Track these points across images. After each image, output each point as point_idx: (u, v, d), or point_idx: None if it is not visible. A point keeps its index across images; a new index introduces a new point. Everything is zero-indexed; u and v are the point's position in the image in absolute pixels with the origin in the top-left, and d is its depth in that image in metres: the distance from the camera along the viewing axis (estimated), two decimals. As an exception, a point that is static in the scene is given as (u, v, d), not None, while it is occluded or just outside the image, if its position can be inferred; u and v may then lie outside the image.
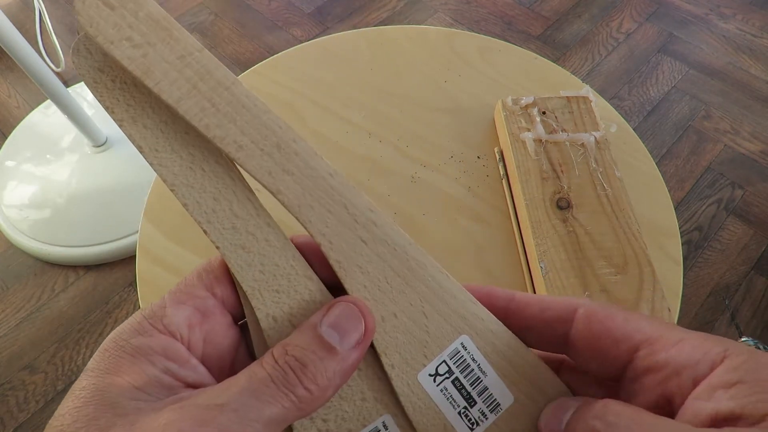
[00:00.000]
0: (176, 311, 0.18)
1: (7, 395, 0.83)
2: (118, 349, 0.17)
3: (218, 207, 0.18)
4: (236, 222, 0.19)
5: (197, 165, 0.18)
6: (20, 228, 0.96)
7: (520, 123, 0.44)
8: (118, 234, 0.94)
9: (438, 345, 0.19)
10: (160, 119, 0.18)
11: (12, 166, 1.03)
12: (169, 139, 0.18)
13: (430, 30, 0.54)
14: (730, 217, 1.03)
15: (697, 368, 0.15)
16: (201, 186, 0.18)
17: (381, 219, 0.19)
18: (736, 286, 0.96)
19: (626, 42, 1.30)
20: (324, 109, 0.48)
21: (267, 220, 0.19)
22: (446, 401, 0.18)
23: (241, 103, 0.18)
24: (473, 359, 0.19)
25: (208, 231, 0.18)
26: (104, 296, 0.92)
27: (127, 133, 0.18)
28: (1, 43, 0.75)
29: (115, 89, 0.18)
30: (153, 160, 0.18)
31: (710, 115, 1.17)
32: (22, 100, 1.17)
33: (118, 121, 0.18)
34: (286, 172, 0.19)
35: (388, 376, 0.18)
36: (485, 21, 1.34)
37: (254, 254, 0.19)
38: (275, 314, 0.18)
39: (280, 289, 0.18)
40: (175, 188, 0.18)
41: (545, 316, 0.19)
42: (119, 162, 1.00)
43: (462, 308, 0.19)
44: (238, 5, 1.36)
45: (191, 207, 0.18)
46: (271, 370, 0.16)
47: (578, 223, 0.39)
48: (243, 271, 0.18)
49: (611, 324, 0.17)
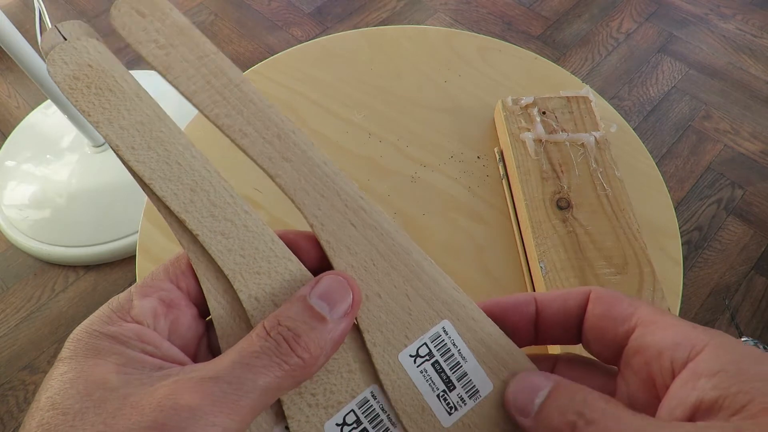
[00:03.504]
0: (142, 302, 0.18)
1: (7, 395, 0.83)
2: (92, 336, 0.17)
3: (195, 198, 0.19)
4: (214, 210, 0.20)
5: (173, 160, 0.20)
6: (20, 228, 0.96)
7: (520, 123, 0.44)
8: (118, 234, 0.94)
9: (420, 327, 0.20)
10: (135, 120, 0.20)
11: (12, 166, 1.03)
12: (144, 137, 0.19)
13: (430, 30, 0.54)
14: (730, 217, 1.03)
15: (676, 352, 0.16)
16: (178, 178, 0.19)
17: (370, 206, 0.21)
18: (736, 286, 0.96)
19: (626, 42, 1.30)
20: (324, 109, 0.48)
21: (244, 207, 0.20)
22: (425, 383, 0.19)
23: (249, 98, 0.20)
24: (454, 344, 0.20)
25: (187, 220, 0.19)
26: (104, 296, 0.92)
27: (104, 134, 0.19)
28: (1, 43, 0.75)
29: (90, 94, 0.19)
30: (130, 157, 0.19)
31: (710, 115, 1.17)
32: (22, 100, 1.17)
33: (95, 123, 0.19)
34: (284, 159, 0.20)
35: (369, 353, 0.19)
36: (485, 21, 1.34)
37: (234, 239, 0.19)
38: (257, 295, 0.19)
39: (261, 271, 0.19)
40: (153, 182, 0.19)
41: (568, 305, 0.19)
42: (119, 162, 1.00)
43: (445, 294, 0.20)
44: (238, 5, 1.36)
45: (169, 199, 0.19)
46: (262, 342, 0.17)
47: (578, 223, 0.39)
48: (223, 256, 0.19)
49: (614, 306, 0.18)
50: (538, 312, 0.20)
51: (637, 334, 0.17)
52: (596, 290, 0.19)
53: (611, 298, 0.18)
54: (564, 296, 0.19)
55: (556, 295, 0.20)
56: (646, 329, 0.17)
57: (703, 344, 0.15)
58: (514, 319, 0.20)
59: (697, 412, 0.14)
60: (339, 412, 0.19)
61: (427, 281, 0.20)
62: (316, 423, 0.18)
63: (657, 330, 0.17)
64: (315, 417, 0.18)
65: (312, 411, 0.18)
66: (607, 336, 0.18)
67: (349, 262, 0.20)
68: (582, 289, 0.19)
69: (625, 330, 0.17)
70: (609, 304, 0.18)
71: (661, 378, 0.16)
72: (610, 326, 0.18)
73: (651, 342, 0.17)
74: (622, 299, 0.18)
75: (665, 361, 0.16)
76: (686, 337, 0.16)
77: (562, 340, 0.20)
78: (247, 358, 0.16)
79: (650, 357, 0.16)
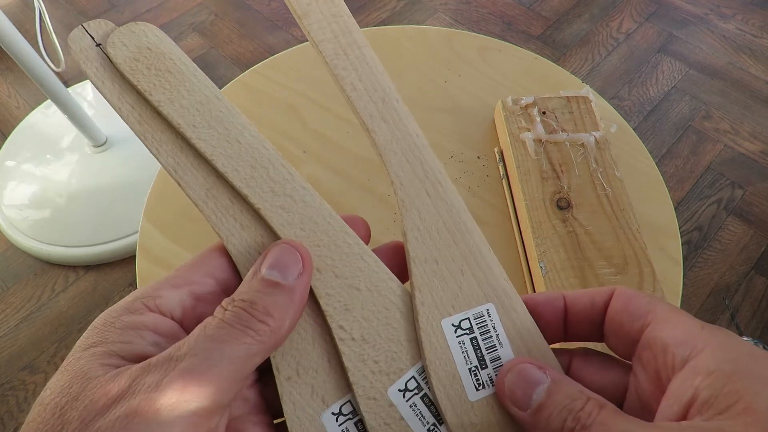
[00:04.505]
0: (171, 293, 0.18)
1: (7, 395, 0.83)
2: (107, 325, 0.17)
3: (256, 174, 0.20)
4: (274, 186, 0.20)
5: (233, 138, 0.21)
6: (20, 228, 0.96)
7: (520, 123, 0.44)
8: (118, 234, 0.94)
9: (466, 303, 0.20)
10: (195, 100, 0.21)
11: (12, 166, 1.03)
12: (204, 116, 0.20)
13: (430, 30, 0.54)
14: (730, 217, 1.03)
15: (679, 349, 0.16)
16: (238, 155, 0.20)
17: (447, 183, 0.22)
18: (736, 286, 0.96)
19: (626, 42, 1.30)
20: (324, 109, 0.48)
21: (302, 183, 0.21)
22: (461, 354, 0.20)
23: (366, 61, 0.23)
24: (494, 328, 0.20)
25: (249, 195, 0.20)
26: (104, 296, 0.92)
27: (165, 112, 0.20)
28: (1, 43, 0.75)
29: (150, 75, 0.20)
30: (192, 134, 0.20)
31: (710, 115, 1.17)
32: (22, 100, 1.17)
33: (156, 102, 0.20)
34: (383, 119, 0.22)
35: (415, 312, 0.20)
36: (485, 21, 1.34)
37: (294, 213, 0.20)
38: (319, 266, 0.20)
39: (321, 244, 0.20)
40: (215, 159, 0.20)
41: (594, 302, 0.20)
42: (119, 162, 1.00)
43: (495, 281, 0.21)
44: (238, 5, 1.36)
45: (231, 174, 0.20)
46: (223, 315, 0.17)
47: (578, 223, 0.39)
48: (285, 229, 0.20)
49: (633, 303, 0.18)
50: (567, 308, 0.20)
51: (649, 330, 0.17)
52: (620, 288, 0.19)
53: (632, 294, 0.19)
54: (591, 294, 0.20)
55: (583, 293, 0.20)
56: (657, 325, 0.17)
57: (705, 344, 0.16)
58: (546, 314, 0.20)
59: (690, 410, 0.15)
60: (401, 378, 0.19)
61: (482, 264, 0.21)
62: (380, 388, 0.19)
63: (667, 326, 0.17)
64: (378, 383, 0.19)
65: (375, 377, 0.19)
66: (623, 330, 0.18)
67: (417, 224, 0.21)
68: (608, 287, 0.20)
69: (640, 325, 0.18)
70: (628, 299, 0.19)
71: (665, 373, 0.16)
72: (626, 321, 0.18)
73: (659, 337, 0.17)
74: (642, 296, 0.19)
75: (669, 356, 0.16)
76: (691, 336, 0.16)
77: (588, 336, 0.20)
78: (211, 330, 0.16)
79: (657, 352, 0.17)
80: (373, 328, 0.20)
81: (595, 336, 0.20)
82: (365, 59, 0.23)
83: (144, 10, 1.33)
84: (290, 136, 0.47)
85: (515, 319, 0.20)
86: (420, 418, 0.19)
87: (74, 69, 1.22)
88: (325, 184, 0.44)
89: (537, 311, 0.21)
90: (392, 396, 0.19)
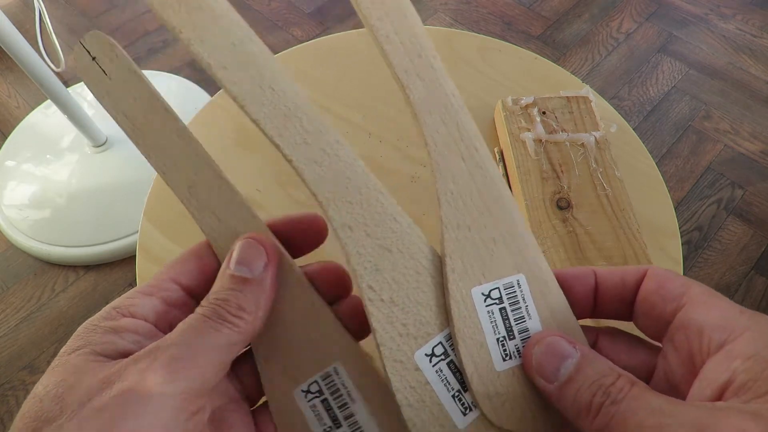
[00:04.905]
0: (143, 301, 0.19)
1: (7, 395, 0.83)
2: (89, 331, 0.18)
3: (289, 123, 0.20)
4: (308, 137, 0.20)
5: (266, 84, 0.20)
6: (20, 228, 0.96)
7: (520, 123, 0.44)
8: (118, 234, 0.94)
9: (497, 273, 0.20)
10: (227, 41, 0.19)
11: (12, 166, 1.03)
12: (237, 58, 0.19)
13: (430, 30, 0.54)
14: (730, 217, 1.03)
15: (715, 332, 0.16)
16: (271, 103, 0.19)
17: (483, 150, 0.21)
18: (736, 286, 0.96)
19: (626, 42, 1.30)
20: (324, 109, 0.48)
21: (336, 137, 0.20)
22: (489, 323, 0.19)
23: (404, 13, 0.22)
24: (524, 300, 0.20)
25: (281, 145, 0.19)
26: (104, 296, 0.92)
27: (195, 51, 0.19)
28: (1, 43, 0.75)
29: (181, 11, 0.19)
30: (222, 76, 0.19)
31: (710, 115, 1.17)
32: (22, 100, 1.17)
33: (186, 40, 0.19)
34: (419, 76, 0.21)
35: (444, 279, 0.20)
36: (485, 21, 1.34)
37: (326, 168, 0.20)
38: (350, 224, 0.20)
39: (354, 201, 0.20)
40: (246, 104, 0.19)
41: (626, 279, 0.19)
42: (119, 162, 1.00)
43: (528, 252, 0.20)
44: (238, 5, 1.35)
45: (263, 122, 0.19)
46: (202, 311, 0.18)
47: (578, 223, 0.39)
48: (317, 183, 0.20)
49: (667, 283, 0.18)
50: (598, 284, 0.20)
51: (683, 312, 0.17)
52: (653, 268, 0.19)
53: (666, 276, 0.19)
54: (622, 271, 0.20)
55: (614, 270, 0.20)
56: (693, 308, 0.17)
57: (745, 328, 0.16)
58: (577, 289, 0.20)
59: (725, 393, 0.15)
60: (428, 342, 0.19)
61: (515, 235, 0.21)
62: (407, 351, 0.19)
63: (703, 309, 0.17)
64: (405, 345, 0.19)
65: (403, 340, 0.19)
66: (655, 311, 0.18)
67: (450, 188, 0.20)
68: (641, 266, 0.20)
69: (674, 307, 0.18)
70: (663, 280, 0.18)
71: (699, 356, 0.16)
72: (659, 302, 0.18)
73: (694, 319, 0.17)
74: (676, 277, 0.18)
75: (705, 339, 0.16)
76: (729, 320, 0.16)
77: (616, 314, 0.20)
78: (194, 322, 0.17)
79: (692, 334, 0.17)
80: (403, 291, 0.20)
81: (623, 314, 0.20)
82: (402, 10, 0.22)
83: (144, 10, 1.33)
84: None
85: (546, 293, 0.20)
86: (445, 383, 0.19)
87: (74, 69, 1.22)
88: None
89: (567, 284, 0.20)
90: (419, 360, 0.19)
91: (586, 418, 0.16)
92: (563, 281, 0.21)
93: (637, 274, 0.19)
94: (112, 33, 1.27)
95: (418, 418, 0.18)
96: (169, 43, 1.25)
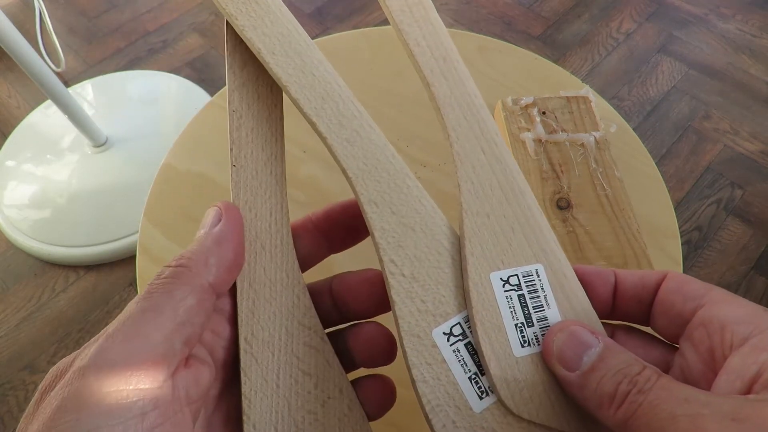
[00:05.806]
0: None
1: (7, 395, 0.83)
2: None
3: (326, 105, 0.21)
4: (342, 119, 0.21)
5: (308, 70, 0.22)
6: (20, 228, 0.96)
7: (520, 123, 0.44)
8: (118, 234, 0.94)
9: (515, 260, 0.20)
10: (277, 30, 0.22)
11: (12, 166, 1.04)
12: (284, 46, 0.22)
13: (430, 30, 0.54)
14: (730, 217, 1.03)
15: (739, 327, 0.16)
16: (311, 86, 0.21)
17: (502, 145, 0.22)
18: (736, 286, 0.96)
19: (626, 42, 1.30)
20: (324, 109, 0.48)
21: (369, 122, 0.22)
22: (507, 309, 0.20)
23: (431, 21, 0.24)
24: (542, 288, 0.20)
25: (317, 123, 0.21)
26: (104, 296, 0.92)
27: (248, 37, 0.21)
28: (1, 43, 0.75)
29: (238, 2, 0.22)
30: (270, 60, 0.21)
31: (710, 116, 1.17)
32: (22, 100, 1.17)
33: (241, 27, 0.21)
34: (443, 76, 0.23)
35: (464, 263, 0.20)
36: (485, 21, 1.34)
37: (357, 148, 0.21)
38: (377, 200, 0.21)
39: (381, 180, 0.21)
40: (289, 86, 0.21)
41: (645, 281, 0.20)
42: (119, 162, 1.01)
43: (546, 243, 0.21)
44: (238, 5, 1.36)
45: (302, 102, 0.21)
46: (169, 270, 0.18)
47: (578, 223, 0.39)
48: (348, 160, 0.21)
49: (689, 285, 0.18)
50: (617, 284, 0.20)
51: (703, 310, 0.17)
52: (673, 272, 0.19)
53: (686, 278, 0.19)
54: (642, 273, 0.20)
55: (634, 272, 0.20)
56: (714, 306, 0.17)
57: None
58: (596, 286, 0.20)
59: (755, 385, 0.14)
60: (447, 321, 0.19)
61: (534, 225, 0.21)
62: (425, 327, 0.19)
63: (725, 307, 0.17)
64: (424, 321, 0.19)
65: (421, 316, 0.19)
66: (674, 310, 0.18)
67: (470, 178, 0.21)
68: (661, 270, 0.20)
69: (694, 306, 0.18)
70: (683, 282, 0.19)
71: (720, 350, 0.16)
72: (679, 301, 0.18)
73: (716, 316, 0.17)
74: (697, 281, 0.18)
75: (727, 333, 0.16)
76: (754, 316, 0.16)
77: (634, 317, 0.20)
78: (162, 285, 0.17)
79: (713, 330, 0.17)
80: (424, 269, 0.20)
81: (641, 318, 0.20)
82: (430, 19, 0.24)
83: (144, 10, 1.33)
84: (290, 136, 0.46)
85: (564, 284, 0.20)
86: (462, 364, 0.19)
87: (74, 69, 1.22)
88: (325, 183, 0.44)
89: (587, 280, 0.20)
90: (436, 337, 0.19)
91: (609, 408, 0.16)
92: (583, 277, 0.20)
93: (657, 276, 0.19)
94: (112, 33, 1.27)
95: (432, 395, 0.18)
96: (169, 43, 1.25)
